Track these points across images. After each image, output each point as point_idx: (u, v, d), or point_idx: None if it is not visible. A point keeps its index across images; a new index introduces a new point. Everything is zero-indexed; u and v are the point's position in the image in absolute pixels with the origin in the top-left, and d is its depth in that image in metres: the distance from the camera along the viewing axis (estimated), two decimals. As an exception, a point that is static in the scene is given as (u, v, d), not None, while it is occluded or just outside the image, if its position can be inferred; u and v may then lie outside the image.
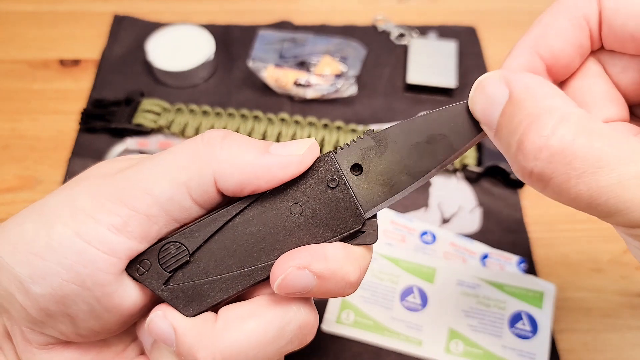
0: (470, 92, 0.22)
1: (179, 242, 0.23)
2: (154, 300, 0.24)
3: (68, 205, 0.22)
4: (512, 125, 0.20)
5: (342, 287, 0.23)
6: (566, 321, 0.41)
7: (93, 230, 0.21)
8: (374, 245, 0.24)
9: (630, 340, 0.40)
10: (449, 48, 0.56)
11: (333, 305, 0.40)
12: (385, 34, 0.59)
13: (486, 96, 0.21)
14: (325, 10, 0.62)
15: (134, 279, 0.23)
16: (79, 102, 0.52)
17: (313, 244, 0.23)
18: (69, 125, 0.51)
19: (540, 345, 0.39)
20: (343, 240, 0.23)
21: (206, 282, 0.23)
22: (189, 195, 0.22)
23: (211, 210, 0.23)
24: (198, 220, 0.23)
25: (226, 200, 0.24)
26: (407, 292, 0.41)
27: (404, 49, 0.58)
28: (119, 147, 0.48)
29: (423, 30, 0.59)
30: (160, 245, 0.23)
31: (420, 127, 0.23)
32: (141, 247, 0.22)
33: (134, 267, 0.23)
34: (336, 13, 0.61)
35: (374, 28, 0.60)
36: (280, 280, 0.22)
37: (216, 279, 0.23)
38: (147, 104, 0.50)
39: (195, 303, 0.23)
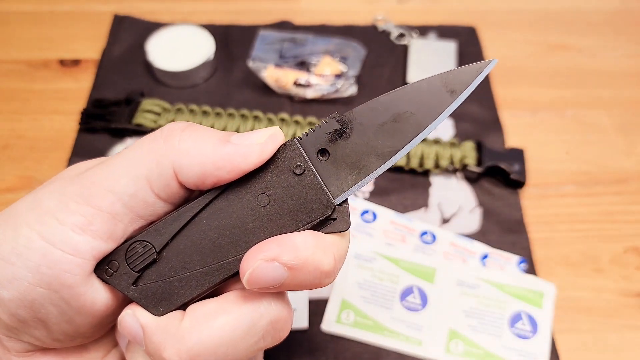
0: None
1: (145, 241, 0.22)
2: (127, 301, 0.24)
3: (34, 208, 0.22)
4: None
5: (316, 278, 0.22)
6: (566, 321, 0.41)
7: (57, 231, 0.21)
8: (374, 245, 0.23)
9: (630, 340, 0.40)
10: (449, 48, 0.56)
11: (333, 305, 0.40)
12: (385, 34, 0.59)
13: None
14: (325, 10, 0.62)
15: (103, 280, 0.22)
16: (79, 102, 0.52)
17: (283, 234, 0.22)
18: (69, 126, 0.51)
19: (541, 345, 0.39)
20: (314, 228, 0.22)
21: (175, 280, 0.22)
22: (151, 190, 0.22)
23: (178, 206, 0.23)
24: (164, 217, 0.23)
25: (194, 196, 0.23)
26: (407, 292, 0.41)
27: (404, 49, 0.58)
28: (119, 147, 0.48)
29: (423, 31, 0.59)
30: (127, 245, 0.22)
31: (385, 106, 0.22)
32: (108, 247, 0.22)
33: (102, 268, 0.22)
34: (336, 13, 0.61)
35: (374, 28, 0.60)
36: (249, 275, 0.21)
37: (184, 277, 0.22)
38: (147, 104, 0.50)
39: (164, 302, 0.22)
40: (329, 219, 0.22)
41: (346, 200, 0.23)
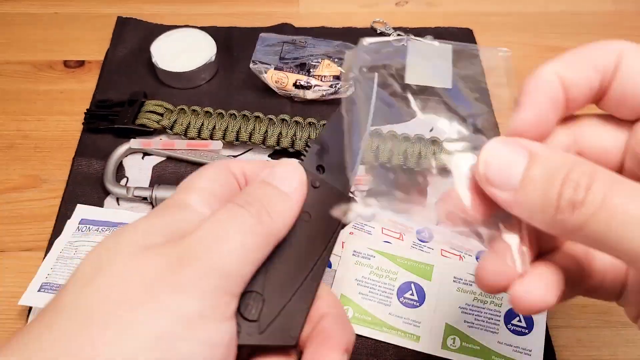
0: (482, 156, 0.22)
1: (248, 290, 0.23)
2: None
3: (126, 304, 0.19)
4: (544, 180, 0.20)
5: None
6: (561, 317, 0.41)
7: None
8: (372, 243, 0.25)
9: (624, 337, 0.41)
10: (446, 50, 0.57)
11: (332, 301, 0.41)
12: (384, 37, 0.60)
13: (502, 159, 0.21)
14: (325, 14, 0.63)
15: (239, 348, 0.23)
16: (83, 103, 0.53)
17: (326, 232, 0.26)
18: (74, 126, 0.52)
19: (536, 341, 0.39)
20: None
21: (287, 306, 0.24)
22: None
23: None
24: None
25: None
26: (404, 289, 0.41)
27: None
28: (123, 147, 0.49)
29: (420, 33, 0.60)
30: (238, 307, 0.23)
31: (340, 120, 0.28)
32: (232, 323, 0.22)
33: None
34: (335, 16, 0.62)
35: (372, 31, 0.61)
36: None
37: (291, 299, 0.24)
38: (150, 104, 0.51)
39: (292, 330, 0.23)
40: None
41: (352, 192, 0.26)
